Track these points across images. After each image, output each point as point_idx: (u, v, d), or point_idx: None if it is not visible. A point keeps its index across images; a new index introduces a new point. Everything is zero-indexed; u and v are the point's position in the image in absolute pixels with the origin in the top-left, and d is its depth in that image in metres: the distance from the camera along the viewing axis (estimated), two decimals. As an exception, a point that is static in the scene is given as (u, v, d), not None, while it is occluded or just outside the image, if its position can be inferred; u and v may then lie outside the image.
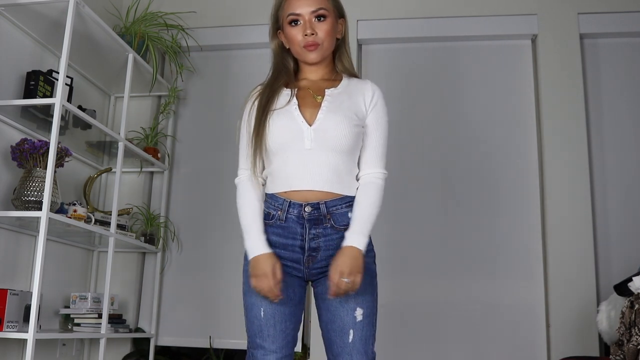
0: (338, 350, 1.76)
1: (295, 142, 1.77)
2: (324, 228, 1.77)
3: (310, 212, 1.76)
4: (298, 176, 1.77)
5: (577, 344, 2.96)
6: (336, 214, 1.77)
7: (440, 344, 3.15)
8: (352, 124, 1.78)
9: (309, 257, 1.78)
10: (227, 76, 3.61)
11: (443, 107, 3.39)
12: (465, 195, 3.28)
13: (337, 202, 1.77)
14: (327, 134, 1.76)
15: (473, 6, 3.41)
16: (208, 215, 3.45)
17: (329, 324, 1.78)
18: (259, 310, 1.76)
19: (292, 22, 1.83)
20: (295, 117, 1.78)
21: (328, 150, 1.76)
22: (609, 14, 3.30)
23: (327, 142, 1.76)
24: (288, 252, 1.78)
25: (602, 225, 3.17)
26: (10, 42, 2.69)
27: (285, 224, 1.78)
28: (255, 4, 3.57)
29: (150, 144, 3.36)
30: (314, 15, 1.82)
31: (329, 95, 1.83)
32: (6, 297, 2.31)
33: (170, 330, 3.35)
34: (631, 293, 2.26)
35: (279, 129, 1.78)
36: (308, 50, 1.83)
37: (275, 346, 1.76)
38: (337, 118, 1.77)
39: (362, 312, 1.76)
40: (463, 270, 3.20)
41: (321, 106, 1.80)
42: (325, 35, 1.83)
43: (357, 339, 1.75)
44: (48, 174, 2.38)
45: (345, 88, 1.87)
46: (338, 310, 1.76)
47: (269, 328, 1.76)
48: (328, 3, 1.87)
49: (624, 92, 3.31)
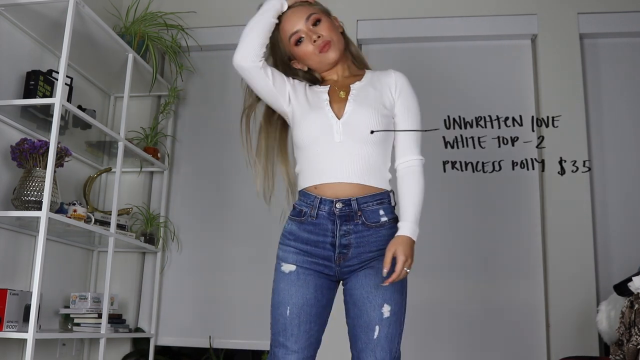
0: (362, 345, 1.74)
1: (325, 136, 1.80)
2: (355, 225, 1.78)
3: (341, 208, 1.77)
4: (329, 169, 1.79)
5: (577, 344, 2.96)
6: (367, 211, 1.78)
7: (440, 344, 3.15)
8: (380, 114, 1.81)
9: (340, 255, 1.79)
10: (227, 76, 3.61)
11: (442, 108, 3.39)
12: (465, 195, 3.28)
13: (368, 199, 1.78)
14: (355, 126, 1.79)
15: (473, 6, 3.41)
16: (208, 215, 3.45)
17: (356, 319, 1.77)
18: (285, 309, 1.77)
19: (297, 42, 1.89)
20: (326, 112, 1.82)
21: (358, 142, 1.79)
22: (609, 14, 3.31)
23: (356, 134, 1.79)
24: (319, 250, 1.79)
25: (602, 225, 3.17)
26: (10, 42, 2.69)
27: (317, 220, 1.79)
28: (255, 4, 3.55)
29: (150, 144, 3.36)
30: (310, 23, 1.88)
31: (354, 90, 1.87)
32: (6, 297, 2.32)
33: (170, 330, 3.35)
34: (631, 293, 2.26)
35: (309, 124, 1.83)
36: (324, 52, 1.87)
37: (298, 346, 1.77)
38: (365, 109, 1.81)
39: (389, 308, 1.75)
40: (463, 270, 3.20)
41: (348, 100, 1.84)
42: (328, 31, 1.88)
43: (383, 336, 1.73)
44: (48, 174, 2.38)
45: (369, 81, 1.91)
46: (365, 305, 1.75)
47: (293, 327, 1.76)
48: (314, 7, 1.92)
49: (624, 92, 3.31)
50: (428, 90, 3.43)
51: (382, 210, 1.80)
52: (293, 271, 1.79)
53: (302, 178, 1.87)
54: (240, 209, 3.41)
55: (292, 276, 1.78)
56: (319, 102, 1.86)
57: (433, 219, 3.27)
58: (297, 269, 1.78)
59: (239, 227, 3.40)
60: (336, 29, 1.91)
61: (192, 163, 3.55)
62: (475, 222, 3.24)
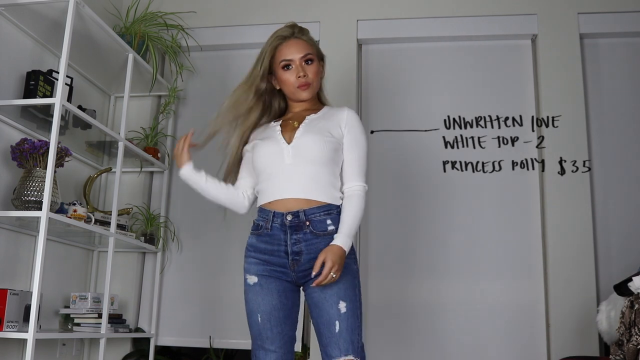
0: (326, 340, 1.94)
1: (276, 158, 2.05)
2: (304, 233, 1.99)
3: (291, 219, 1.99)
4: (280, 187, 2.03)
5: (577, 344, 2.96)
6: (315, 221, 1.99)
7: (440, 344, 3.15)
8: (325, 140, 2.04)
9: (293, 261, 2.00)
10: (227, 76, 3.61)
11: (443, 107, 3.39)
12: (465, 194, 3.28)
13: (315, 210, 2.00)
14: (303, 149, 2.03)
15: (473, 6, 3.41)
16: (208, 215, 3.45)
17: (318, 318, 1.97)
18: (257, 317, 2.01)
19: (285, 67, 2.13)
20: (277, 140, 2.08)
21: (305, 163, 2.02)
22: (609, 14, 3.31)
23: (304, 156, 2.02)
24: (275, 258, 2.01)
25: (602, 225, 3.17)
26: (10, 42, 2.69)
27: (271, 232, 2.02)
28: (255, 4, 3.57)
29: (150, 144, 3.36)
30: (303, 59, 2.12)
31: (307, 120, 2.12)
32: (6, 297, 2.31)
33: (170, 330, 3.35)
34: (631, 293, 2.26)
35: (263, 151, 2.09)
36: (302, 90, 2.12)
37: (275, 346, 2.00)
38: (312, 135, 2.05)
39: (345, 305, 1.93)
40: (463, 270, 3.20)
41: (299, 128, 2.09)
42: (314, 76, 2.13)
43: (343, 329, 1.92)
44: (48, 173, 2.38)
45: (324, 114, 2.15)
46: (324, 305, 1.95)
47: (267, 331, 2.00)
48: (313, 48, 2.16)
49: (624, 92, 3.31)
50: (428, 90, 3.44)
51: (329, 220, 2.01)
52: (256, 282, 2.02)
53: (260, 197, 2.11)
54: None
55: (256, 287, 2.02)
56: (272, 133, 2.12)
57: (432, 219, 3.27)
58: (259, 280, 2.02)
59: (238, 227, 3.39)
60: (319, 74, 2.17)
61: (192, 163, 3.53)
62: (475, 222, 3.24)
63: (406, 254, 3.26)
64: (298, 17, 3.51)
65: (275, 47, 2.14)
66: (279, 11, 3.53)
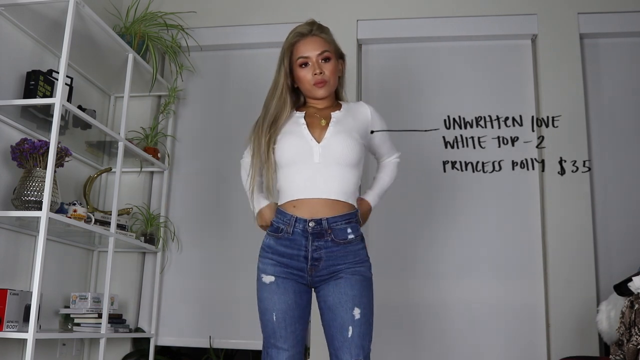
0: (338, 344, 1.97)
1: (304, 157, 2.04)
2: (325, 241, 2.01)
3: (313, 227, 2.01)
4: (307, 186, 2.03)
5: (577, 344, 2.96)
6: (336, 230, 2.02)
7: (440, 344, 3.15)
8: (355, 141, 2.07)
9: (312, 266, 2.02)
10: (227, 76, 3.62)
11: (442, 107, 3.39)
12: (465, 195, 3.28)
13: (337, 219, 2.02)
14: (334, 150, 2.04)
15: (473, 6, 3.41)
16: (208, 215, 3.45)
17: (331, 322, 1.99)
18: (272, 315, 2.02)
19: (302, 65, 2.12)
20: (304, 136, 2.07)
21: (334, 164, 2.04)
22: (609, 14, 3.31)
23: (333, 157, 2.03)
24: (294, 262, 2.02)
25: (602, 225, 3.17)
26: (10, 42, 2.69)
27: (292, 236, 2.03)
28: (255, 4, 3.57)
29: (150, 144, 3.36)
30: (320, 57, 2.11)
31: (334, 118, 2.13)
32: (6, 297, 2.31)
33: (170, 330, 3.35)
34: (631, 293, 2.26)
35: (289, 146, 2.07)
36: (318, 87, 2.12)
37: (287, 345, 2.02)
38: (342, 136, 2.06)
39: (359, 311, 1.96)
40: (463, 271, 3.20)
41: (329, 126, 2.09)
42: (330, 74, 2.13)
43: (356, 335, 1.95)
44: (48, 173, 2.38)
45: (347, 111, 2.17)
46: (339, 309, 1.97)
47: (281, 330, 2.01)
48: (331, 46, 2.15)
49: (624, 92, 3.31)
50: (428, 90, 3.44)
51: (349, 229, 2.03)
52: (273, 281, 2.03)
53: (281, 195, 2.10)
54: (240, 209, 3.41)
55: (273, 286, 2.03)
56: (296, 127, 2.10)
57: (432, 219, 3.27)
58: (276, 279, 2.03)
59: (238, 227, 3.40)
60: (336, 73, 2.16)
61: (192, 163, 3.55)
62: (475, 222, 3.24)
63: (406, 254, 3.26)
64: (298, 17, 3.50)
65: (293, 44, 2.14)
66: (279, 11, 3.53)
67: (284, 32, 3.48)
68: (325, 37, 2.15)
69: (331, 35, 2.18)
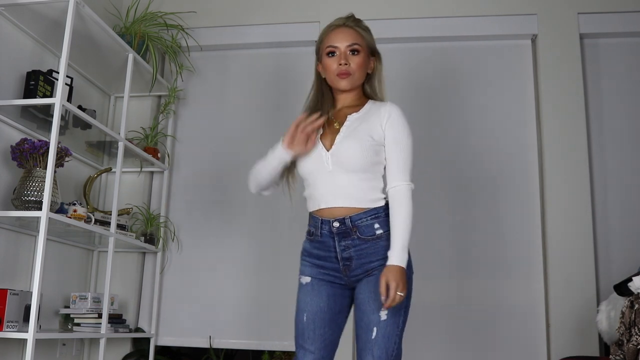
0: (362, 345, 1.93)
1: (318, 166, 2.02)
2: (352, 240, 1.97)
3: (338, 227, 1.98)
4: (324, 195, 2.01)
5: (577, 344, 2.96)
6: (362, 226, 1.96)
7: (440, 344, 3.15)
8: (364, 145, 1.97)
9: (344, 267, 1.99)
10: (227, 76, 3.61)
11: (443, 107, 3.39)
12: (465, 195, 3.28)
13: (361, 215, 1.97)
14: (343, 157, 1.99)
15: (473, 6, 3.41)
16: (208, 215, 3.45)
17: (359, 321, 1.96)
18: (303, 316, 2.02)
19: (330, 54, 2.08)
20: (318, 145, 2.03)
21: (345, 171, 1.98)
22: (609, 14, 3.31)
23: (343, 164, 1.98)
24: (328, 263, 2.02)
25: (602, 225, 3.17)
26: (10, 42, 2.69)
27: (322, 238, 2.01)
28: (255, 4, 3.57)
29: (150, 144, 3.36)
30: (349, 48, 2.06)
31: (349, 121, 2.05)
32: (6, 297, 2.31)
33: (170, 330, 3.35)
34: (631, 293, 2.26)
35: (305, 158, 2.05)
36: (340, 78, 2.06)
37: (314, 347, 1.99)
38: (350, 142, 1.99)
39: (386, 312, 1.90)
40: (463, 271, 3.20)
41: (339, 132, 2.03)
42: (356, 67, 2.06)
43: (380, 336, 1.89)
44: (48, 174, 2.38)
45: (365, 113, 2.07)
46: (366, 309, 1.94)
47: (309, 331, 2.00)
48: (362, 40, 2.10)
49: (624, 92, 3.31)
50: (428, 90, 3.44)
51: (377, 224, 1.97)
52: (308, 282, 2.03)
53: (308, 203, 2.09)
54: (240, 209, 3.41)
55: (308, 287, 2.03)
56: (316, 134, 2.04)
57: (433, 219, 3.27)
58: (312, 281, 2.03)
59: (238, 227, 3.40)
60: (364, 68, 2.09)
61: (192, 163, 3.55)
62: (475, 222, 3.24)
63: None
64: (298, 17, 3.53)
65: (326, 33, 2.11)
66: (279, 11, 3.53)
67: (284, 32, 3.55)
68: (358, 30, 2.10)
69: (368, 32, 2.13)
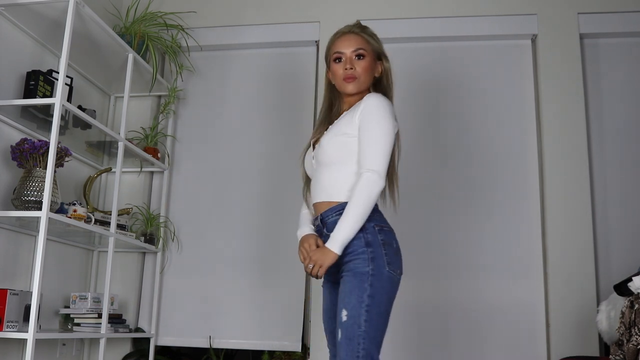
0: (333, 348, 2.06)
1: (310, 165, 2.15)
2: (324, 236, 2.01)
3: (318, 224, 2.06)
4: (313, 192, 2.10)
5: (577, 344, 2.96)
6: (329, 223, 2.01)
7: (440, 344, 3.15)
8: (337, 139, 2.02)
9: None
10: (227, 76, 3.61)
11: (443, 107, 3.39)
12: (465, 195, 3.28)
13: (328, 212, 2.01)
14: (321, 153, 2.07)
15: (473, 6, 3.41)
16: (208, 215, 3.45)
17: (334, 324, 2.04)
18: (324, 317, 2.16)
19: (337, 60, 2.14)
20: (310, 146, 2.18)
21: (323, 166, 2.07)
22: (609, 14, 3.31)
23: (321, 159, 2.07)
24: None
25: (602, 225, 3.17)
26: (10, 42, 2.69)
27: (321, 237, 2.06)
28: (256, 4, 3.57)
29: (150, 144, 3.36)
30: (354, 53, 2.12)
31: (337, 120, 2.12)
32: (6, 297, 2.31)
33: (170, 330, 3.35)
34: (631, 293, 2.26)
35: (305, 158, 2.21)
36: (346, 82, 2.11)
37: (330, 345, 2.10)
38: (326, 138, 2.07)
39: (346, 313, 1.87)
40: (463, 270, 3.20)
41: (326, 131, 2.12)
42: (362, 70, 2.11)
43: (343, 338, 1.86)
44: (48, 174, 2.38)
45: (353, 108, 2.08)
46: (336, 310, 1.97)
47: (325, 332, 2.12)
48: (368, 45, 2.14)
49: (624, 92, 3.31)
50: (427, 90, 3.44)
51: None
52: (323, 284, 2.15)
53: None
54: (240, 208, 3.41)
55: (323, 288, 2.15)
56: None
57: (432, 219, 3.27)
58: (323, 282, 2.13)
59: (238, 227, 3.40)
60: (370, 72, 2.12)
61: (192, 163, 3.55)
62: (475, 222, 3.24)
63: (404, 254, 3.25)
64: (298, 17, 3.53)
65: (333, 41, 2.18)
66: (279, 11, 3.53)
67: (284, 32, 3.55)
68: (364, 35, 2.15)
69: (374, 37, 2.18)
